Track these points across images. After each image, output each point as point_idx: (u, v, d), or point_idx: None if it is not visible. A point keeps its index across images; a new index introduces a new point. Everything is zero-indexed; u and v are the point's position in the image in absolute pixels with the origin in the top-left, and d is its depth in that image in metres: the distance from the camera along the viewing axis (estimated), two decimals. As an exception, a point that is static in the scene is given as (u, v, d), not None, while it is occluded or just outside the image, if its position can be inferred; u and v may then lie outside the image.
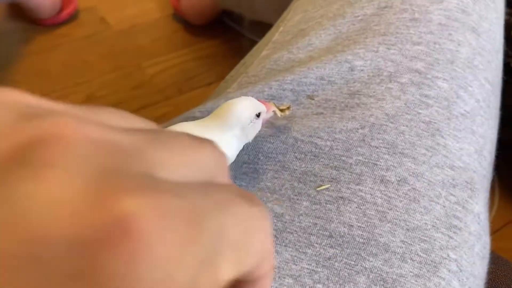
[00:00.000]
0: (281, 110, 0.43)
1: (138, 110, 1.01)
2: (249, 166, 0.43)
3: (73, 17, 1.17)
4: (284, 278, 0.38)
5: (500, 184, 0.91)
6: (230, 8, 1.09)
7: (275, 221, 0.39)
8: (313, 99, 0.47)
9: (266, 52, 0.53)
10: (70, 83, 1.04)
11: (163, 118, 1.00)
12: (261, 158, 0.43)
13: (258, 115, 0.42)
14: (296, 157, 0.43)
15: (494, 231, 0.86)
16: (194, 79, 1.04)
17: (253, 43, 0.63)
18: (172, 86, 1.07)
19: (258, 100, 0.41)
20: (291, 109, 0.44)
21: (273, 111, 0.43)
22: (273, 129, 0.45)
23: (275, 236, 0.39)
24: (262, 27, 0.67)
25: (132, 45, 1.14)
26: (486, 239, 0.45)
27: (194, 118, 0.47)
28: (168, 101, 1.03)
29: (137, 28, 1.18)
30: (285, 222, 0.39)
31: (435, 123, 0.45)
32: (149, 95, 1.05)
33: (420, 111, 0.45)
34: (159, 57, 1.12)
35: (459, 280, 0.40)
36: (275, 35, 0.56)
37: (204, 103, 0.49)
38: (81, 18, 1.18)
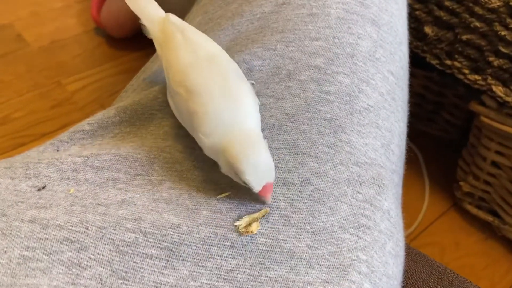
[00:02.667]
0: (245, 227, 0.37)
1: (58, 129, 0.96)
2: (143, 178, 0.40)
3: (-14, 35, 1.11)
4: (180, 296, 0.35)
5: (430, 179, 0.91)
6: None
7: (171, 233, 0.36)
8: None
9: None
10: (-16, 105, 0.98)
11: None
12: (157, 168, 0.40)
13: (244, 183, 0.36)
14: (194, 166, 0.41)
15: (425, 227, 0.86)
16: (116, 94, 1.00)
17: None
18: (94, 102, 1.02)
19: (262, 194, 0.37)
20: (255, 231, 0.37)
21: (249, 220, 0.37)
22: (169, 140, 0.42)
23: (171, 250, 0.36)
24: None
25: (52, 62, 1.09)
26: (399, 236, 0.43)
27: (83, 132, 0.43)
28: (91, 118, 0.99)
29: (57, 44, 1.13)
30: (182, 234, 0.36)
31: (336, 119, 0.43)
32: (70, 113, 1.00)
33: (320, 108, 0.43)
34: (80, 73, 1.07)
35: (371, 282, 0.38)
36: (176, 39, 0.53)
37: (95, 114, 0.45)
38: (-4, 36, 1.12)
